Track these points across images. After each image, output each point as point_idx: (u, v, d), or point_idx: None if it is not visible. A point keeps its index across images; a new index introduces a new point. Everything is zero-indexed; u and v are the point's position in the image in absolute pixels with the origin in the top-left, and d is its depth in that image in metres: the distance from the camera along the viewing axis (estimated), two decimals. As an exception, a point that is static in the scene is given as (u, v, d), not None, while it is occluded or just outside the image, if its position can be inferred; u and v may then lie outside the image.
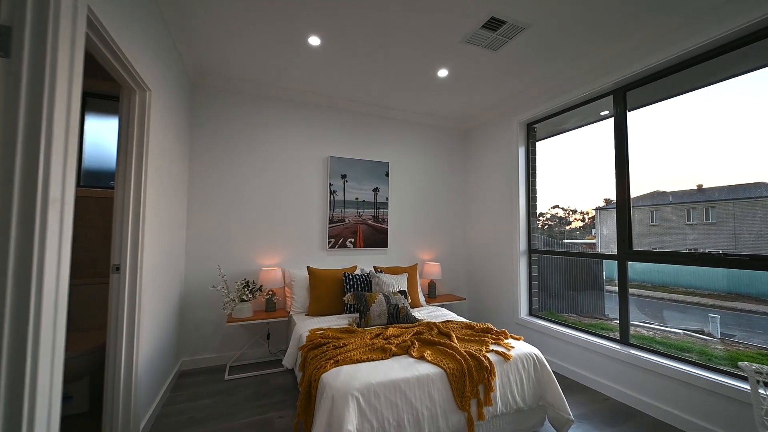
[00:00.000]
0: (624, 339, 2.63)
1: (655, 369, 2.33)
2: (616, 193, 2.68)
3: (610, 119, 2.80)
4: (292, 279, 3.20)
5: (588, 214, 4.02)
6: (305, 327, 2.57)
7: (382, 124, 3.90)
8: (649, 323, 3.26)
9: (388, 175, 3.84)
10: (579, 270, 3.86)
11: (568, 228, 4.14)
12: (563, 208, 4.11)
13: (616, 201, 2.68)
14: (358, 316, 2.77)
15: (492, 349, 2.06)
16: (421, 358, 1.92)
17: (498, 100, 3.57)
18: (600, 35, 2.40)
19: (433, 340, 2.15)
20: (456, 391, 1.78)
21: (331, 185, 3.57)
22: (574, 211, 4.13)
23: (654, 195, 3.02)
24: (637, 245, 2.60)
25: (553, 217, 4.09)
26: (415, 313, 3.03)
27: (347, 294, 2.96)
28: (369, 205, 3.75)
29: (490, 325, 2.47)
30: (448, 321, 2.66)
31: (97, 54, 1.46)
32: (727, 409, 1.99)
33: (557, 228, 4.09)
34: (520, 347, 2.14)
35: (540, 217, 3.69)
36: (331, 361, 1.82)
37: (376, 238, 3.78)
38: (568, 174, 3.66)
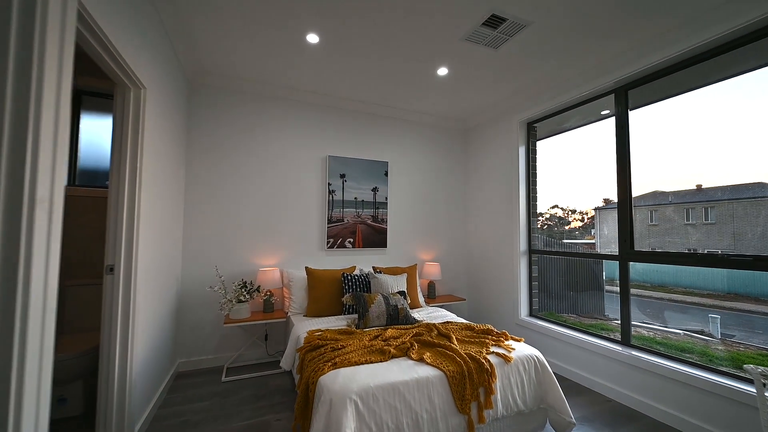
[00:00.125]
0: (625, 340, 2.60)
1: (656, 370, 2.30)
2: (618, 193, 2.65)
3: (611, 119, 2.76)
4: (290, 279, 3.17)
5: (587, 214, 3.99)
6: (303, 328, 2.53)
7: (381, 123, 3.87)
8: (649, 324, 3.23)
9: (387, 174, 3.81)
10: (579, 270, 3.83)
11: (567, 228, 4.11)
12: (562, 208, 4.08)
13: (618, 201, 2.65)
14: (356, 317, 2.74)
15: (492, 351, 2.04)
16: (421, 360, 1.89)
17: (498, 98, 3.55)
18: (602, 33, 2.37)
19: (432, 342, 2.12)
20: (456, 393, 1.75)
21: (329, 185, 3.54)
22: (573, 211, 4.10)
23: (653, 195, 3.00)
24: (637, 245, 2.57)
25: (552, 217, 4.06)
26: (415, 314, 3.00)
27: (346, 295, 2.93)
28: (368, 205, 3.72)
29: (491, 327, 2.44)
30: (448, 322, 2.63)
31: (89, 50, 1.42)
32: (730, 411, 1.96)
33: (556, 228, 4.06)
34: (520, 349, 2.11)
35: (539, 217, 3.66)
36: (329, 363, 1.79)
37: (375, 238, 3.75)
38: (567, 174, 3.64)
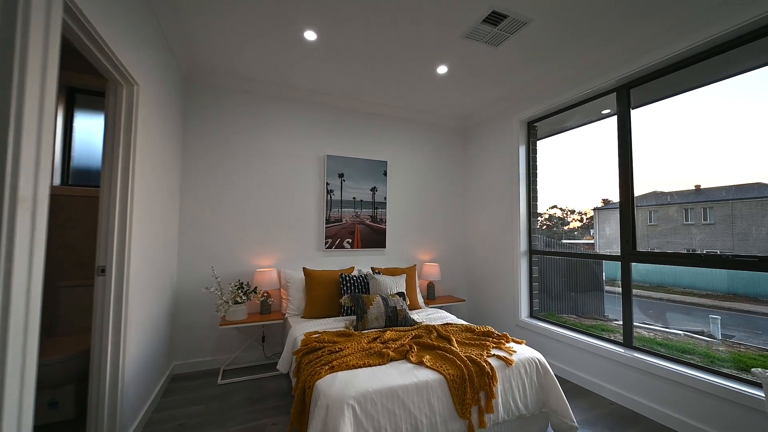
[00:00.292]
0: (627, 342, 2.57)
1: (658, 372, 2.27)
2: (620, 193, 2.62)
3: (611, 118, 2.73)
4: (287, 280, 3.12)
5: (586, 214, 3.96)
6: (300, 330, 2.49)
7: (380, 122, 3.83)
8: (649, 324, 3.20)
9: (386, 174, 3.77)
10: (578, 271, 3.80)
11: (566, 228, 4.08)
12: (561, 209, 4.04)
13: (620, 201, 2.62)
14: (355, 318, 2.69)
15: (493, 354, 2.00)
16: (420, 363, 1.85)
17: (498, 97, 3.51)
18: (604, 30, 2.33)
19: (432, 344, 2.08)
20: (456, 398, 1.71)
21: (328, 184, 3.50)
22: (572, 212, 4.07)
23: (653, 195, 2.97)
24: (638, 246, 2.53)
25: (551, 217, 4.02)
26: (414, 315, 2.96)
27: (344, 296, 2.88)
28: (367, 205, 3.68)
29: (491, 328, 2.40)
30: (448, 324, 2.59)
31: (78, 43, 1.38)
32: (732, 414, 1.93)
33: (555, 228, 4.03)
34: (522, 351, 2.07)
35: (538, 218, 3.62)
36: (326, 367, 1.75)
37: (374, 238, 3.70)
38: (567, 174, 3.60)
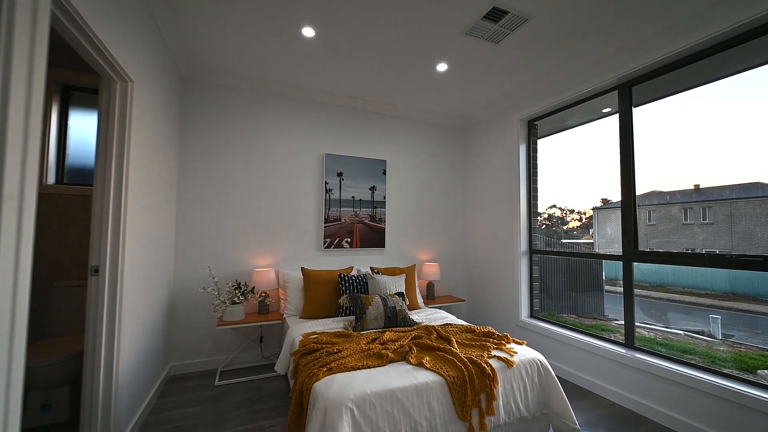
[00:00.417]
0: (629, 342, 2.54)
1: (661, 373, 2.24)
2: (621, 192, 2.59)
3: (611, 117, 2.71)
4: (285, 280, 3.09)
5: (585, 213, 3.93)
6: (298, 331, 2.46)
7: (379, 121, 3.79)
8: (649, 324, 3.18)
9: (385, 173, 3.74)
10: (578, 270, 3.78)
11: (565, 228, 4.06)
12: (560, 208, 4.02)
13: (621, 200, 2.59)
14: (353, 319, 2.66)
15: (494, 355, 1.97)
16: (420, 365, 1.82)
17: (499, 95, 3.47)
18: (605, 28, 2.30)
19: (432, 345, 2.05)
20: (456, 400, 1.68)
21: (326, 183, 3.46)
22: (572, 211, 4.04)
23: (651, 195, 2.95)
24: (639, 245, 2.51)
25: (550, 216, 4.00)
26: (413, 315, 2.93)
27: (343, 296, 2.85)
28: (366, 204, 3.64)
29: (492, 329, 2.37)
30: (448, 324, 2.56)
31: (68, 37, 1.34)
32: (735, 415, 1.90)
33: (554, 228, 4.00)
34: (523, 352, 2.04)
35: (538, 217, 3.59)
36: (324, 368, 1.71)
37: (373, 237, 3.67)
38: (566, 173, 3.57)
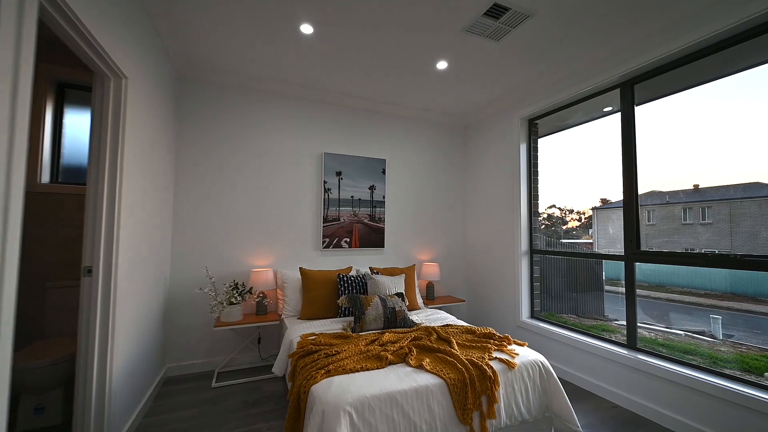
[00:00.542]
0: (631, 343, 2.51)
1: (663, 375, 2.21)
2: (623, 191, 2.56)
3: (612, 116, 2.68)
4: (284, 280, 3.06)
5: (584, 213, 3.91)
6: (296, 332, 2.42)
7: (378, 120, 3.76)
8: (649, 324, 3.15)
9: (384, 172, 3.70)
10: (578, 270, 3.74)
11: (564, 228, 4.04)
12: (560, 208, 4.00)
13: (623, 199, 2.56)
14: (352, 320, 2.63)
15: (495, 357, 1.93)
16: (420, 367, 1.79)
17: (499, 94, 3.45)
18: (607, 25, 2.27)
19: (432, 347, 2.02)
20: (457, 403, 1.65)
21: (325, 183, 3.43)
22: (571, 211, 4.02)
23: (650, 195, 2.93)
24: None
25: (549, 216, 3.98)
26: (413, 316, 2.89)
27: (341, 297, 2.82)
28: (365, 204, 3.61)
29: (492, 330, 2.34)
30: (448, 325, 2.53)
31: (59, 31, 1.30)
32: (740, 418, 1.87)
33: (553, 228, 3.99)
34: (524, 354, 2.01)
35: (539, 217, 3.56)
36: (322, 371, 1.68)
37: (373, 237, 3.64)
38: (566, 173, 3.54)
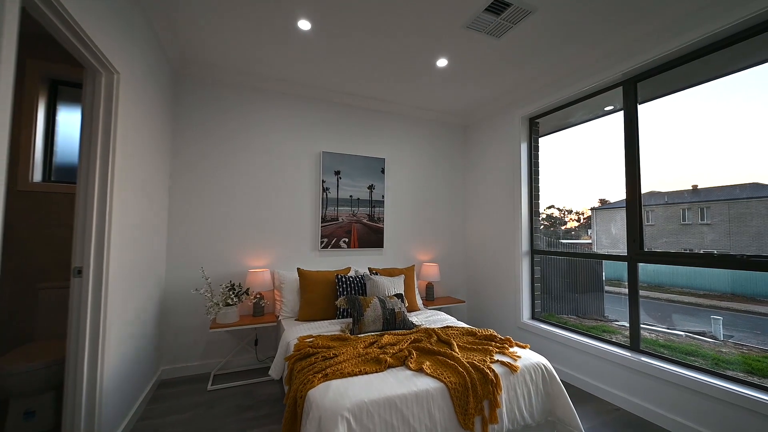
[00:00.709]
0: (634, 345, 2.47)
1: (667, 377, 2.17)
2: (626, 191, 2.52)
3: (612, 116, 2.65)
4: (281, 281, 3.01)
5: (583, 214, 3.88)
6: (294, 334, 2.38)
7: (378, 118, 3.72)
8: (650, 325, 3.11)
9: (384, 171, 3.66)
10: (578, 271, 3.71)
11: (563, 228, 4.01)
12: (559, 209, 3.97)
13: (626, 199, 2.52)
14: (351, 321, 2.58)
15: (497, 360, 1.89)
16: (420, 370, 1.74)
17: (500, 92, 3.40)
18: (611, 21, 2.23)
19: (432, 349, 1.97)
20: (458, 408, 1.60)
21: (323, 182, 3.38)
22: (570, 211, 3.99)
23: (650, 195, 2.89)
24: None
25: (548, 217, 3.94)
26: (413, 317, 2.85)
27: (340, 298, 2.77)
28: (364, 203, 3.56)
29: (494, 332, 2.29)
30: (448, 327, 2.48)
31: (44, 20, 1.25)
32: (746, 421, 1.83)
33: (552, 228, 3.95)
34: (527, 357, 1.97)
35: (539, 217, 3.52)
36: (320, 374, 1.63)
37: (372, 237, 3.59)
38: (566, 173, 3.51)
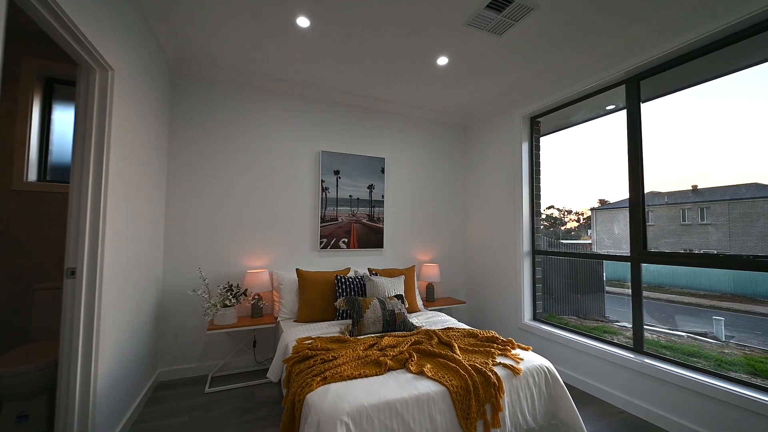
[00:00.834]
0: (637, 347, 2.44)
1: (672, 379, 2.14)
2: (629, 191, 2.49)
3: (614, 115, 2.63)
4: (280, 282, 2.97)
5: (583, 214, 3.86)
6: (292, 335, 2.34)
7: (377, 118, 3.68)
8: (651, 326, 3.08)
9: (384, 171, 3.62)
10: (578, 271, 3.68)
11: (563, 229, 3.99)
12: (558, 209, 3.95)
13: (629, 199, 2.49)
14: (350, 323, 2.54)
15: (499, 362, 1.86)
16: (421, 373, 1.71)
17: (501, 91, 3.37)
18: (615, 17, 2.20)
19: (433, 352, 1.94)
20: (460, 411, 1.57)
21: (323, 182, 3.35)
22: (569, 212, 3.97)
23: (649, 195, 2.87)
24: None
25: (548, 217, 3.92)
26: (413, 319, 2.81)
27: (339, 299, 2.73)
28: (363, 203, 3.53)
29: (495, 333, 2.26)
30: (449, 328, 2.44)
31: (33, 14, 1.21)
32: (753, 425, 1.80)
33: (552, 228, 3.94)
34: (529, 359, 1.94)
35: (540, 217, 3.49)
36: (318, 378, 1.60)
37: (371, 238, 3.56)
38: (566, 173, 3.48)
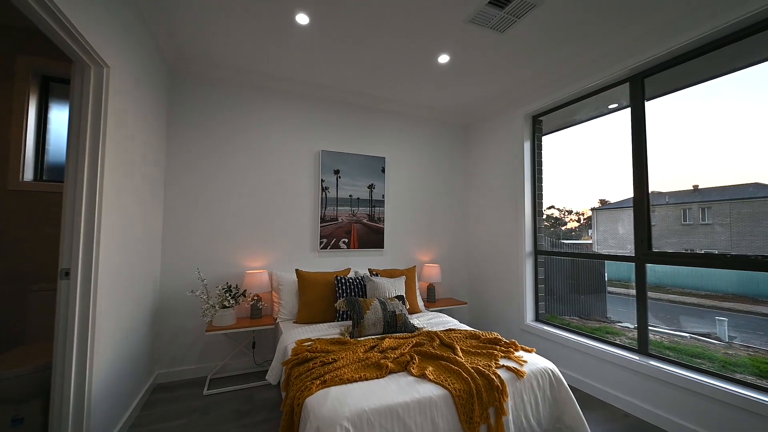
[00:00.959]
0: (642, 348, 2.40)
1: (677, 382, 2.10)
2: (634, 190, 2.46)
3: (616, 114, 2.59)
4: (279, 283, 2.94)
5: (584, 214, 3.84)
6: (292, 337, 2.30)
7: (378, 117, 3.65)
8: (654, 326, 3.04)
9: (384, 171, 3.59)
10: (580, 271, 3.65)
11: (564, 229, 3.96)
12: (559, 209, 3.93)
13: (634, 198, 2.46)
14: (350, 324, 2.51)
15: (502, 365, 1.82)
16: (422, 376, 1.67)
17: (503, 89, 3.33)
18: (619, 13, 2.16)
19: (435, 354, 1.90)
20: (463, 416, 1.53)
21: (322, 181, 3.31)
22: (570, 212, 3.95)
23: (653, 195, 2.85)
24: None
25: (549, 218, 3.90)
26: (414, 320, 2.77)
27: (339, 300, 2.69)
28: (364, 203, 3.50)
29: (498, 335, 2.22)
30: (451, 329, 2.41)
31: (29, 11, 1.19)
32: (763, 429, 1.75)
33: (553, 228, 3.91)
34: (533, 361, 1.90)
35: (542, 217, 3.45)
36: (318, 381, 1.56)
37: (372, 238, 3.52)
38: (567, 172, 3.44)
